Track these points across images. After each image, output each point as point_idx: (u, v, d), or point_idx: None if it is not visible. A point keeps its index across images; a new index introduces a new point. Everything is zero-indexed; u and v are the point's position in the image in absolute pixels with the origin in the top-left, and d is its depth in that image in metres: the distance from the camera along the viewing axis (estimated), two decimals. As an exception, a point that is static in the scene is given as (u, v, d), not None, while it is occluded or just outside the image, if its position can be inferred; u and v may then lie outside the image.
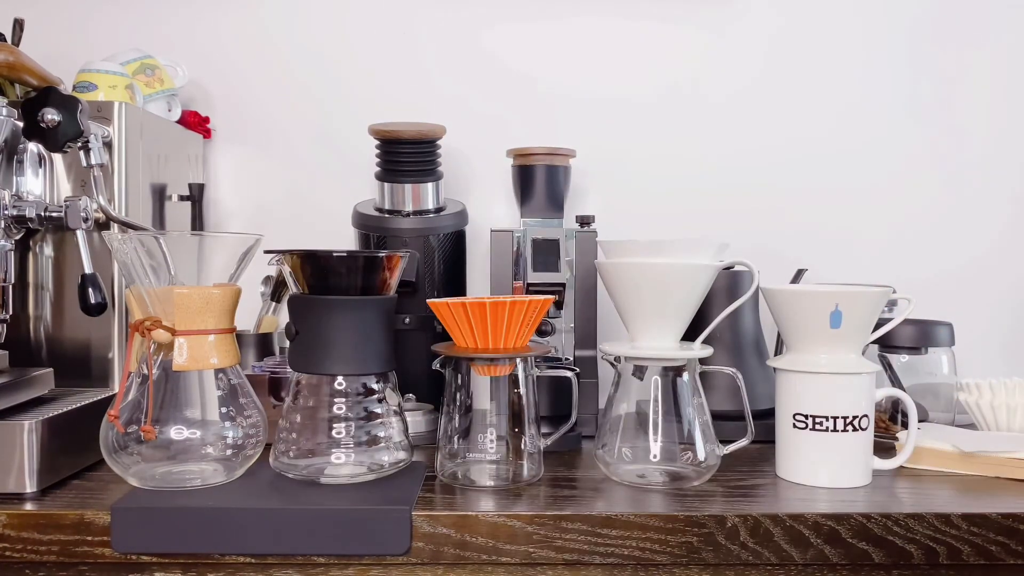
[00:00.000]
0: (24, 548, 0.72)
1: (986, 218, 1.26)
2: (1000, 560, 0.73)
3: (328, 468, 0.80)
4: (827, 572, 0.74)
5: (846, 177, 1.26)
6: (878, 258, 1.26)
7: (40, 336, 0.95)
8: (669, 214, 1.25)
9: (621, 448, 0.84)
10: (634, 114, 1.25)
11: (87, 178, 0.91)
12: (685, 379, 0.84)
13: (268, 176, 1.25)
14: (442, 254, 1.07)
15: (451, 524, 0.72)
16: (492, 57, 1.25)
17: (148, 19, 1.24)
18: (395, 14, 1.25)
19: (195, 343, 0.77)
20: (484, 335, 0.81)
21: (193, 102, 1.24)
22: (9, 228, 0.87)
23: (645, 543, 0.73)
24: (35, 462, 0.75)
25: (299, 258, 0.81)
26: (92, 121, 0.90)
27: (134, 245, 0.76)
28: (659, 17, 1.25)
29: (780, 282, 1.04)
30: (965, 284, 1.26)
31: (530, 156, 1.06)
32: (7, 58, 0.91)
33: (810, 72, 1.26)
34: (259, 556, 0.72)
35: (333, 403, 0.81)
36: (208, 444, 0.78)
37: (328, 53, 1.25)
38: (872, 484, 0.83)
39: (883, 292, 0.83)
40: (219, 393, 0.80)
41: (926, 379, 1.05)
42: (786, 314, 0.85)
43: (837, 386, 0.82)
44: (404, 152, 1.05)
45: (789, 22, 1.26)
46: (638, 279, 0.84)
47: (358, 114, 1.21)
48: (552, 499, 0.77)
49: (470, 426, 0.83)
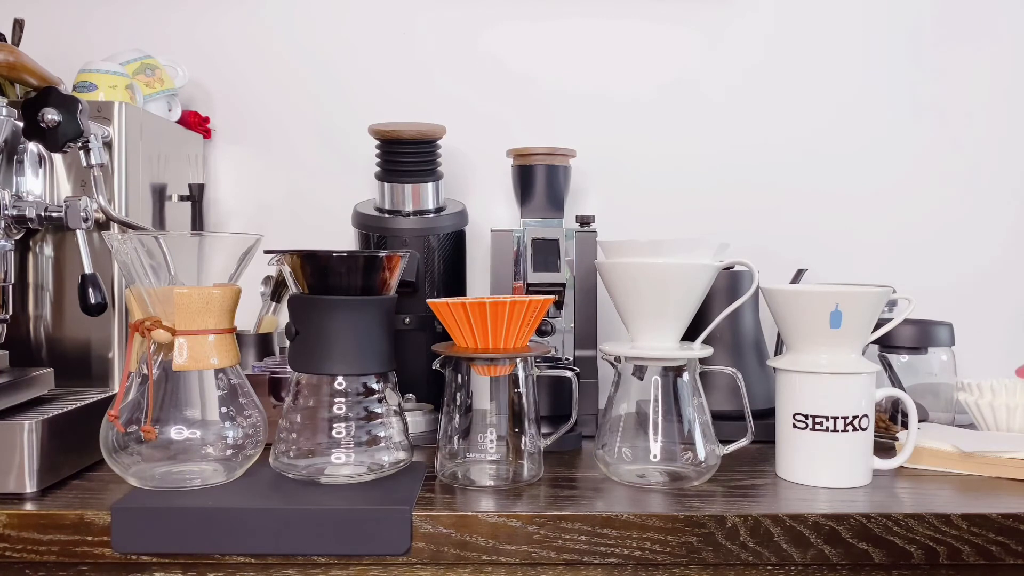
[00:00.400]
0: (24, 548, 0.72)
1: (986, 217, 1.26)
2: (1000, 560, 0.73)
3: (328, 468, 0.80)
4: (827, 572, 0.74)
5: (846, 177, 1.26)
6: (878, 258, 1.26)
7: (40, 336, 0.95)
8: (669, 213, 1.25)
9: (621, 448, 0.84)
10: (634, 113, 1.25)
11: (87, 178, 0.91)
12: (685, 379, 0.84)
13: (268, 176, 1.25)
14: (442, 254, 1.07)
15: (451, 524, 0.72)
16: (492, 57, 1.25)
17: (148, 19, 1.24)
18: (395, 14, 1.25)
19: (195, 343, 0.77)
20: (484, 335, 0.80)
21: (193, 102, 1.24)
22: (9, 228, 0.87)
23: (645, 543, 0.73)
24: (35, 462, 0.75)
25: (299, 258, 0.81)
26: (92, 121, 0.90)
27: (134, 245, 0.76)
28: (659, 16, 1.25)
29: (780, 282, 1.04)
30: (965, 284, 1.26)
31: (530, 156, 1.06)
32: (7, 58, 0.91)
33: (810, 71, 1.26)
34: (259, 556, 0.72)
35: (333, 403, 0.81)
36: (208, 444, 0.78)
37: (328, 53, 1.25)
38: (872, 484, 0.83)
39: (883, 292, 0.83)
40: (219, 393, 0.80)
41: (926, 379, 1.05)
42: (786, 314, 0.85)
43: (837, 386, 0.82)
44: (404, 152, 1.05)
45: (789, 21, 1.26)
46: (638, 279, 0.84)
47: (358, 114, 1.21)
48: (552, 499, 0.77)
49: (470, 426, 0.83)
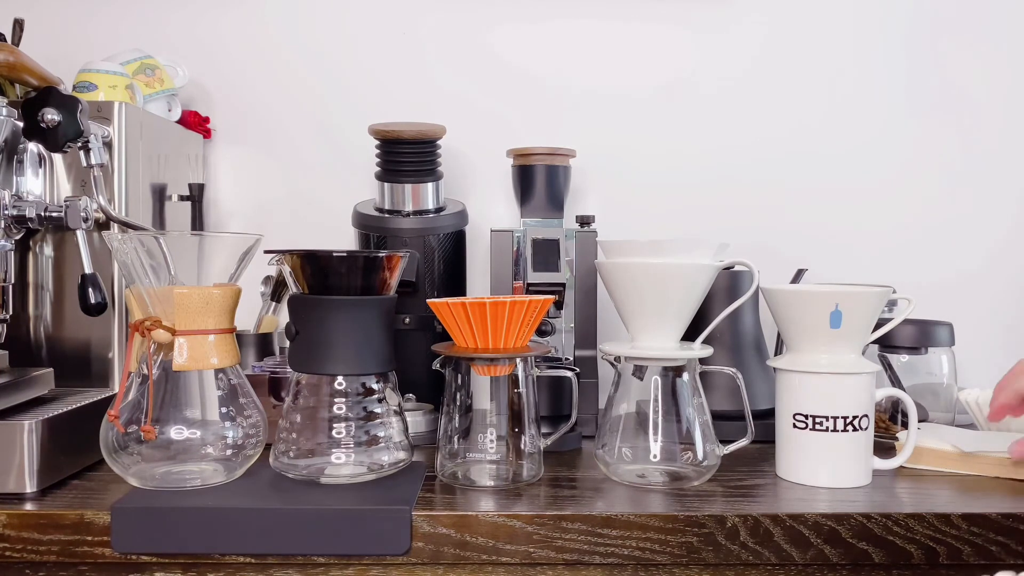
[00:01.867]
0: (24, 548, 0.72)
1: (988, 217, 1.26)
2: (1000, 560, 0.73)
3: (328, 468, 0.80)
4: (827, 572, 0.74)
5: (846, 176, 1.26)
6: (878, 258, 1.26)
7: (40, 336, 0.95)
8: (669, 212, 1.25)
9: (621, 448, 0.84)
10: (634, 113, 1.25)
11: (87, 178, 0.91)
12: (685, 379, 0.84)
13: (268, 176, 1.25)
14: (442, 254, 1.07)
15: (451, 524, 0.72)
16: (492, 57, 1.25)
17: (148, 19, 1.24)
18: (396, 14, 1.25)
19: (195, 343, 0.77)
20: (484, 335, 0.80)
21: (193, 102, 1.24)
22: (9, 228, 0.87)
23: (645, 543, 0.73)
24: (35, 462, 0.75)
25: (299, 258, 0.81)
26: (92, 121, 0.90)
27: (134, 245, 0.76)
28: (658, 16, 1.25)
29: (780, 282, 1.04)
30: (966, 284, 1.26)
31: (530, 156, 1.06)
32: (7, 58, 0.91)
33: (810, 70, 1.26)
34: (259, 556, 0.72)
35: (333, 403, 0.81)
36: (208, 444, 0.78)
37: (328, 53, 1.25)
38: (872, 484, 0.83)
39: (883, 292, 0.83)
40: (219, 393, 0.79)
41: (926, 379, 1.05)
42: (786, 314, 0.85)
43: (837, 386, 0.82)
44: (404, 152, 1.05)
45: (788, 20, 1.25)
46: (638, 279, 0.84)
47: (358, 114, 1.21)
48: (552, 499, 0.77)
49: (470, 426, 0.83)
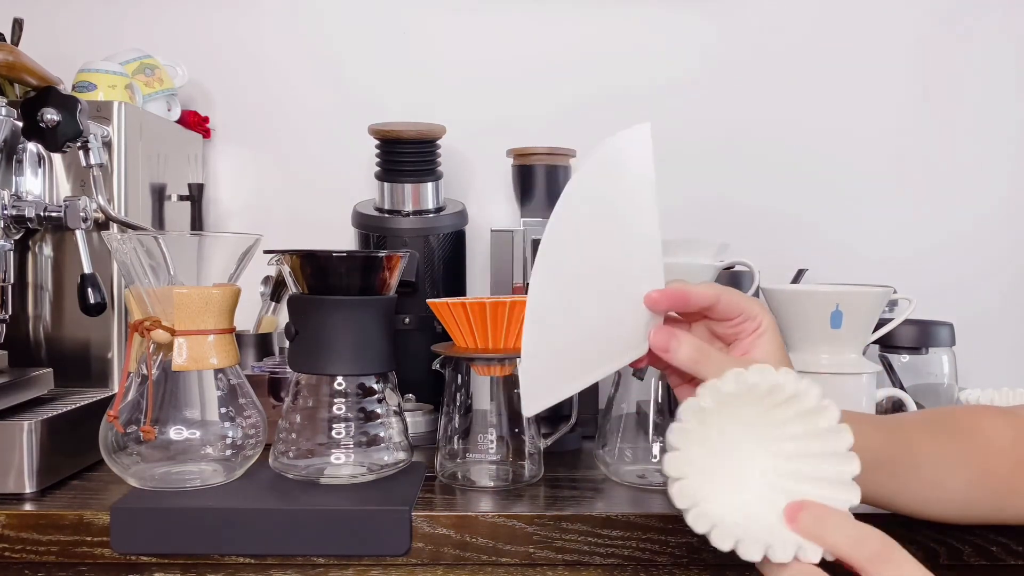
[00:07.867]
0: (23, 548, 0.72)
1: (989, 217, 1.26)
2: (1000, 560, 0.73)
3: (328, 468, 0.80)
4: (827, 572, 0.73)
5: (847, 176, 1.26)
6: (878, 258, 1.26)
7: (40, 336, 0.95)
8: (669, 211, 1.24)
9: (621, 448, 0.84)
10: (633, 113, 1.25)
11: (87, 178, 0.91)
12: (685, 379, 0.84)
13: (268, 176, 1.25)
14: (442, 254, 1.07)
15: (451, 525, 0.72)
16: (492, 56, 1.25)
17: (148, 19, 1.23)
18: (396, 14, 1.25)
19: (195, 343, 0.77)
20: (484, 335, 0.80)
21: (193, 102, 1.24)
22: (8, 228, 0.87)
23: (645, 543, 0.73)
24: (34, 462, 0.75)
25: (299, 258, 0.81)
26: (92, 121, 0.90)
27: (134, 245, 0.76)
28: (659, 15, 1.24)
29: (780, 282, 1.04)
30: (967, 284, 1.25)
31: (530, 156, 1.06)
32: (7, 58, 0.91)
33: (811, 68, 1.25)
34: (259, 556, 0.72)
35: (333, 403, 0.81)
36: (208, 444, 0.78)
37: (328, 52, 1.25)
38: (872, 484, 0.83)
39: (884, 292, 0.83)
40: (219, 393, 0.79)
41: (927, 379, 1.05)
42: (786, 314, 0.85)
43: (838, 386, 0.82)
44: (404, 152, 1.04)
45: (790, 18, 1.25)
46: (638, 279, 0.84)
47: (358, 114, 1.21)
48: (552, 499, 0.77)
49: (470, 426, 0.83)
